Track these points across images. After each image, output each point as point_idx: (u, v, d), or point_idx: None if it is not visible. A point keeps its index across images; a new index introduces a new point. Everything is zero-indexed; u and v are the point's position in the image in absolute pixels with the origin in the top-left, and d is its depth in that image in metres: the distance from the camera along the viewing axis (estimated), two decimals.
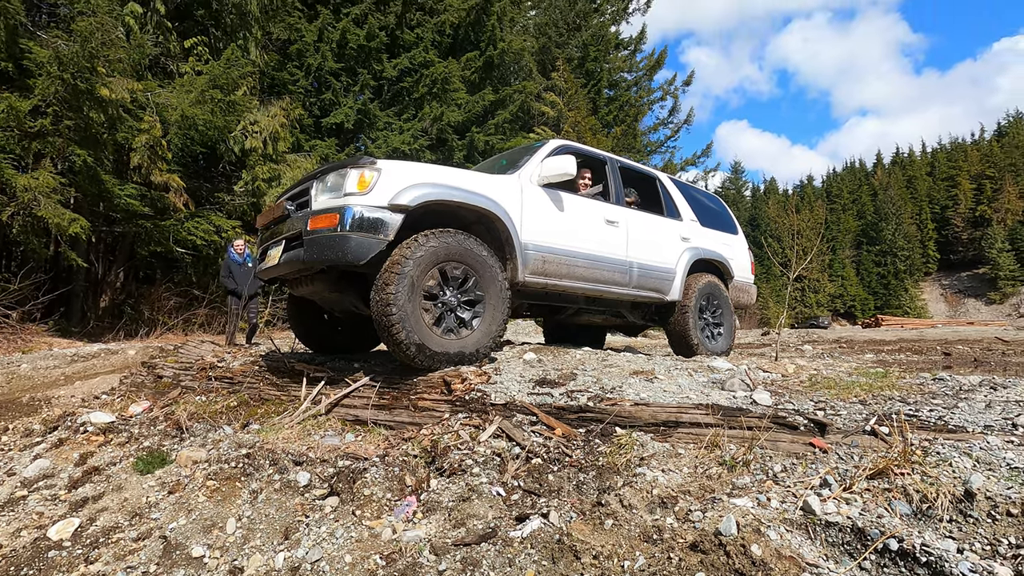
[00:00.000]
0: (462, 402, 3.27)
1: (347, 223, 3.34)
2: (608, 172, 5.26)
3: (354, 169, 3.49)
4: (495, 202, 3.95)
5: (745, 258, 6.55)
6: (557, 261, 4.31)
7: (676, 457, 2.45)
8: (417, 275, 3.44)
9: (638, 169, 5.78)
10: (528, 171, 4.36)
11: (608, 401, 2.95)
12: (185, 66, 10.53)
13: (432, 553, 2.24)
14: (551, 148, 4.72)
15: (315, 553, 2.40)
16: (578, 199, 4.68)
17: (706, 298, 5.72)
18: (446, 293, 3.67)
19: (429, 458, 2.94)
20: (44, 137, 7.57)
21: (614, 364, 3.88)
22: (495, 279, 3.79)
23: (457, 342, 3.66)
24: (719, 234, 6.21)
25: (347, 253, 3.36)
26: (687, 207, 5.93)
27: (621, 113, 22.98)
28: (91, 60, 7.61)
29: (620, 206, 5.08)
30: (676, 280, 5.41)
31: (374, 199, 3.43)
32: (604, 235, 4.73)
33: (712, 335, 5.80)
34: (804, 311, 47.24)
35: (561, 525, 2.18)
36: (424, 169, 3.77)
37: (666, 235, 5.45)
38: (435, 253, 3.53)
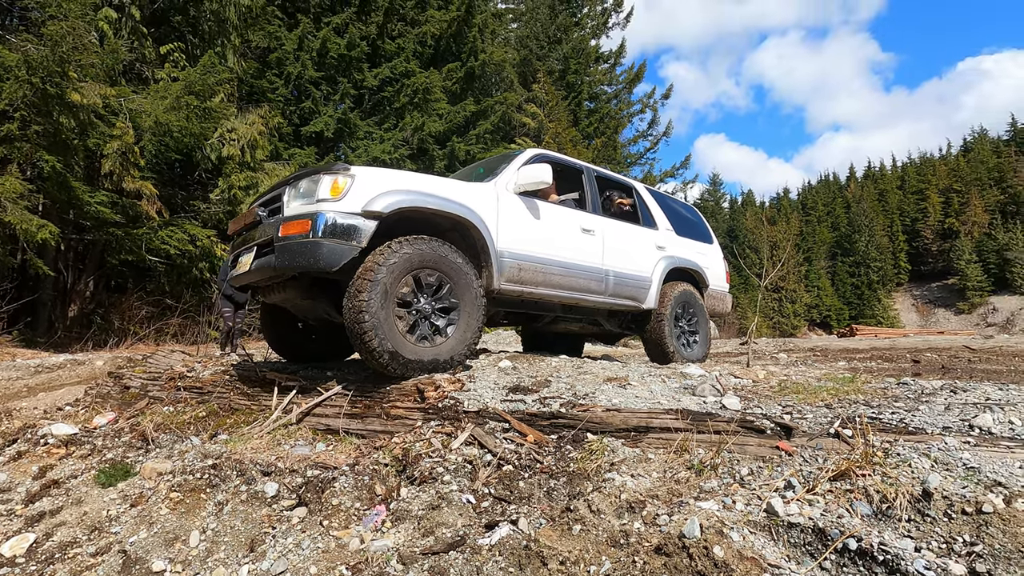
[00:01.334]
0: (435, 410, 3.24)
1: (319, 229, 3.30)
2: (585, 181, 5.30)
3: (327, 175, 3.46)
4: (470, 209, 3.95)
5: (720, 267, 6.65)
6: (533, 269, 4.32)
7: (646, 462, 2.46)
8: (390, 282, 3.40)
9: (614, 179, 5.85)
10: (504, 179, 4.38)
11: (580, 407, 2.95)
12: (161, 72, 10.40)
13: (399, 562, 2.21)
14: (528, 156, 4.73)
15: (280, 565, 2.35)
16: (554, 208, 4.71)
17: (682, 306, 5.77)
18: (420, 300, 3.64)
19: (400, 466, 2.91)
20: (11, 142, 7.39)
21: (588, 371, 3.89)
22: (470, 286, 3.77)
23: (431, 349, 3.63)
24: (694, 243, 6.29)
25: (319, 260, 3.32)
26: (663, 216, 6.01)
27: (601, 125, 23.27)
28: (62, 64, 7.47)
29: (596, 215, 5.11)
30: (652, 288, 5.46)
31: (347, 205, 3.40)
32: (580, 243, 4.76)
33: (688, 343, 5.86)
34: (782, 321, 48.02)
35: (530, 532, 2.17)
36: (399, 176, 3.75)
37: (642, 244, 5.49)
38: (409, 260, 3.50)
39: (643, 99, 26.50)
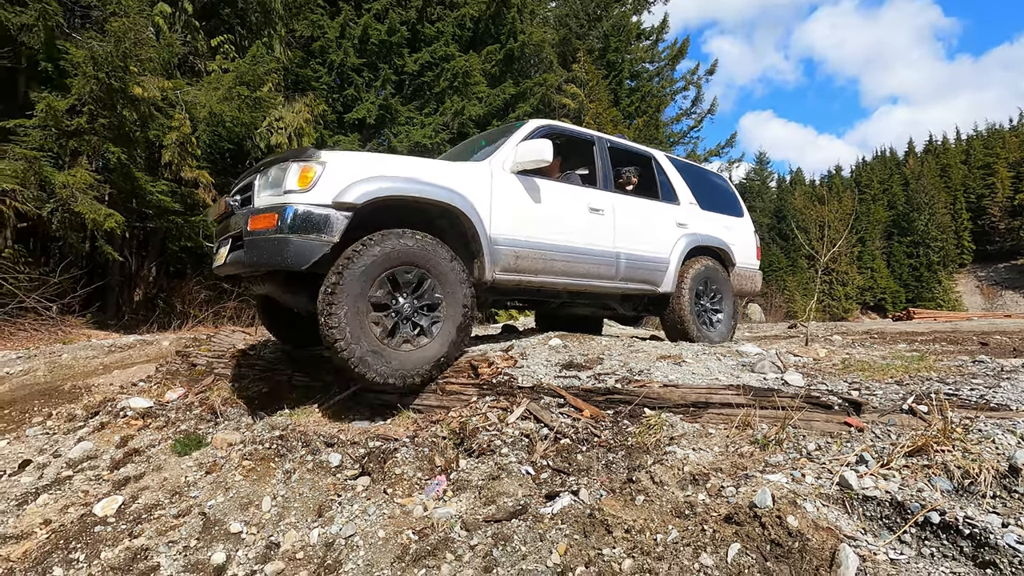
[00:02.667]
0: (489, 385, 3.30)
1: (287, 224, 3.04)
2: (596, 153, 4.80)
3: (296, 163, 3.18)
4: (458, 194, 3.60)
5: (750, 243, 6.05)
6: (532, 256, 3.96)
7: (706, 437, 2.44)
8: (362, 285, 3.13)
9: (631, 148, 5.28)
10: (500, 157, 3.99)
11: (636, 383, 2.94)
12: (212, 64, 10.73)
13: (463, 529, 2.27)
14: (529, 130, 4.29)
15: (349, 529, 2.45)
16: (558, 186, 4.30)
17: (703, 282, 5.30)
18: (398, 301, 3.33)
19: (458, 439, 2.98)
20: (80, 135, 7.81)
21: (640, 349, 3.87)
22: (457, 281, 3.45)
23: (415, 353, 3.33)
24: (721, 217, 5.73)
25: (287, 257, 3.07)
26: (685, 189, 5.46)
27: (643, 104, 22.71)
28: (124, 59, 7.81)
29: (608, 191, 4.67)
30: (670, 270, 5.00)
31: (317, 196, 3.11)
32: (587, 225, 4.35)
33: (709, 322, 5.38)
34: (832, 304, 46.23)
35: (591, 502, 2.19)
36: (376, 161, 3.43)
37: (660, 222, 5.03)
38: (384, 258, 3.19)
39: (686, 76, 25.69)
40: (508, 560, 2.04)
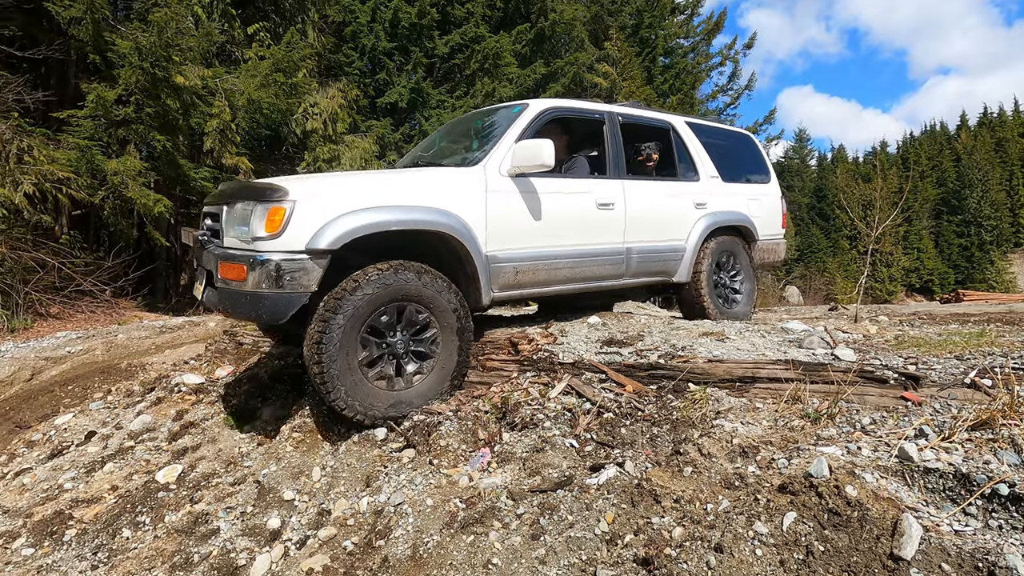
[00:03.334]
0: (530, 362, 3.32)
1: (257, 278, 2.74)
2: (607, 133, 4.24)
3: (261, 205, 2.83)
4: (447, 213, 3.22)
5: (776, 211, 5.56)
6: (534, 269, 3.62)
7: (754, 411, 2.40)
8: (352, 329, 2.90)
9: (647, 120, 4.73)
10: (496, 159, 3.54)
11: (680, 359, 2.91)
12: (249, 52, 10.90)
13: (509, 498, 2.31)
14: (529, 118, 3.77)
15: (397, 497, 2.52)
16: (562, 185, 3.85)
17: (725, 255, 4.95)
18: (389, 340, 3.09)
19: (500, 414, 3.01)
20: (128, 124, 8.09)
21: (681, 327, 3.82)
22: (451, 311, 3.20)
23: (409, 391, 3.16)
24: (746, 187, 5.26)
25: (262, 313, 2.81)
26: (707, 160, 4.94)
27: (677, 81, 22.09)
28: (167, 49, 8.01)
29: (619, 178, 4.19)
30: (686, 258, 4.57)
31: (288, 242, 2.77)
32: (594, 224, 3.94)
33: (727, 298, 5.02)
34: (875, 286, 44.61)
35: (637, 474, 2.20)
36: (353, 188, 3.06)
37: (676, 206, 4.57)
38: (371, 301, 2.93)
39: (723, 51, 24.81)
40: (555, 528, 2.07)
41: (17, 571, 2.50)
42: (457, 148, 4.21)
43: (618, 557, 1.76)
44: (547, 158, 3.36)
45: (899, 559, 1.36)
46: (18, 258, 6.85)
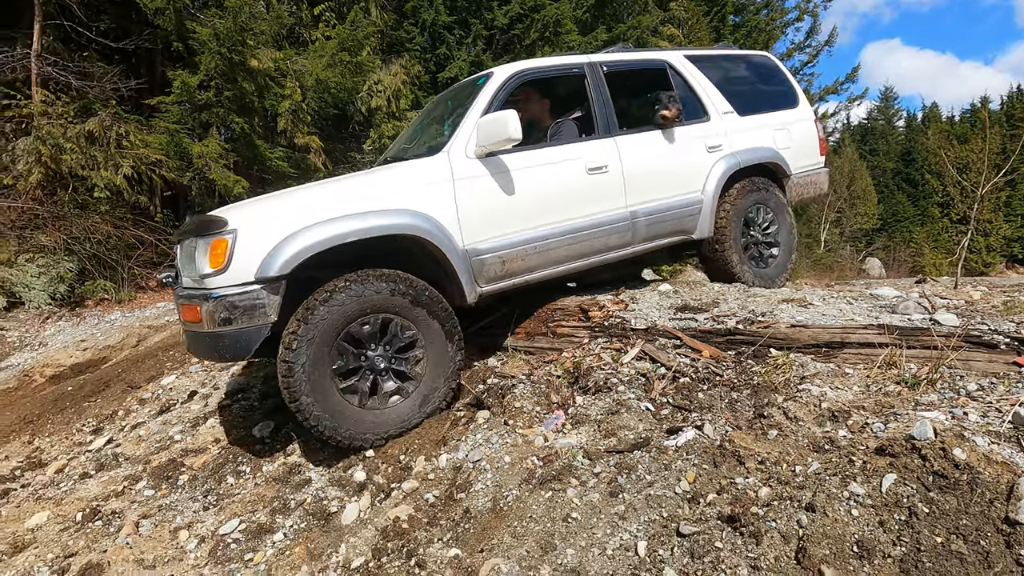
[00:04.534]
0: (601, 328, 3.31)
1: (211, 318, 2.57)
2: (590, 88, 3.75)
3: (203, 239, 2.65)
4: (410, 212, 2.92)
5: (810, 138, 4.84)
6: (523, 255, 3.28)
7: (843, 376, 2.30)
8: (321, 352, 2.67)
9: (636, 63, 4.14)
10: (460, 142, 3.18)
11: (760, 324, 2.82)
12: (316, 32, 11.20)
13: (586, 458, 2.35)
14: (493, 89, 3.35)
15: (475, 454, 2.62)
16: (542, 155, 3.43)
17: (754, 209, 4.37)
18: (368, 354, 2.85)
19: (572, 378, 3.04)
20: (209, 108, 8.56)
21: (758, 294, 3.68)
22: (432, 316, 2.96)
23: (394, 409, 2.94)
24: (769, 117, 4.55)
25: (224, 353, 2.66)
26: (716, 95, 4.32)
27: (749, 40, 20.79)
28: (242, 34, 8.37)
29: (610, 135, 3.71)
30: (704, 210, 4.03)
31: (236, 274, 2.57)
32: (587, 192, 3.52)
33: (760, 257, 4.42)
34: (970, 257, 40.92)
35: (717, 437, 2.17)
36: (299, 205, 2.78)
37: (684, 153, 4.00)
38: (338, 319, 2.69)
39: (799, 5, 23.07)
40: (633, 487, 2.08)
41: (142, 508, 2.80)
42: (432, 134, 3.83)
43: (701, 514, 1.75)
44: (513, 131, 2.96)
45: (1016, 523, 1.28)
46: (121, 236, 7.48)
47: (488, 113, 3.21)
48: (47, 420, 4.33)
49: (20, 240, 6.73)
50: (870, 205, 31.76)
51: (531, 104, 4.11)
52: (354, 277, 2.74)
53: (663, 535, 1.77)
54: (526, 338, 3.62)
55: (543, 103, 4.16)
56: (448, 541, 2.14)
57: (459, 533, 2.16)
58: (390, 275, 2.83)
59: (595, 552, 1.83)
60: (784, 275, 4.50)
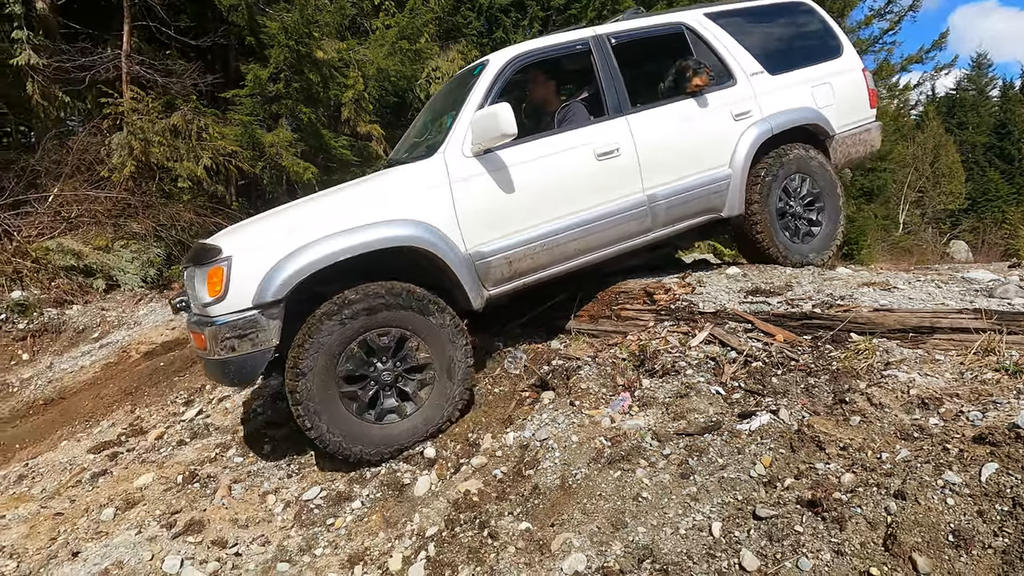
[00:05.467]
0: (667, 311, 3.27)
1: (216, 345, 2.58)
2: (597, 64, 3.47)
3: (200, 269, 2.67)
4: (407, 222, 2.81)
5: (857, 91, 4.25)
6: (531, 253, 3.12)
7: (933, 363, 2.18)
8: (324, 372, 2.64)
9: (648, 30, 3.73)
10: (455, 142, 3.03)
11: (839, 308, 2.70)
12: (376, 21, 11.42)
13: (655, 440, 2.34)
14: (488, 81, 3.15)
15: (542, 433, 2.66)
16: (544, 146, 3.21)
17: (792, 179, 3.94)
18: (376, 367, 2.80)
19: (637, 361, 3.02)
20: (279, 100, 8.94)
21: (836, 277, 3.52)
22: (440, 325, 2.86)
23: (401, 425, 2.86)
24: (807, 72, 4.05)
25: (232, 379, 2.70)
26: (743, 55, 3.87)
27: (823, 6, 19.53)
28: (308, 26, 8.66)
29: (622, 114, 3.42)
30: (734, 185, 3.67)
31: (234, 302, 2.56)
32: (597, 180, 3.28)
33: (797, 231, 3.98)
34: None
35: (793, 422, 2.11)
36: (291, 226, 2.72)
37: (707, 125, 3.64)
38: (340, 338, 2.65)
39: None
40: (705, 469, 2.07)
41: (233, 473, 3.03)
42: (434, 130, 3.55)
43: (779, 498, 1.72)
44: (506, 127, 2.80)
45: None
46: (203, 223, 7.98)
47: (485, 105, 3.06)
48: (144, 392, 4.72)
49: (115, 228, 7.32)
50: (957, 183, 29.25)
51: (537, 88, 3.97)
52: (341, 300, 2.66)
53: (738, 517, 1.76)
54: (589, 321, 3.63)
55: (549, 85, 3.96)
56: (518, 515, 2.20)
57: (529, 508, 2.22)
58: (386, 288, 2.74)
59: (667, 531, 1.83)
60: (828, 251, 4.07)
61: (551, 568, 1.85)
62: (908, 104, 25.00)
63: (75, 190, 7.11)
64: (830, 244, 4.08)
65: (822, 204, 4.06)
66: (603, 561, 1.81)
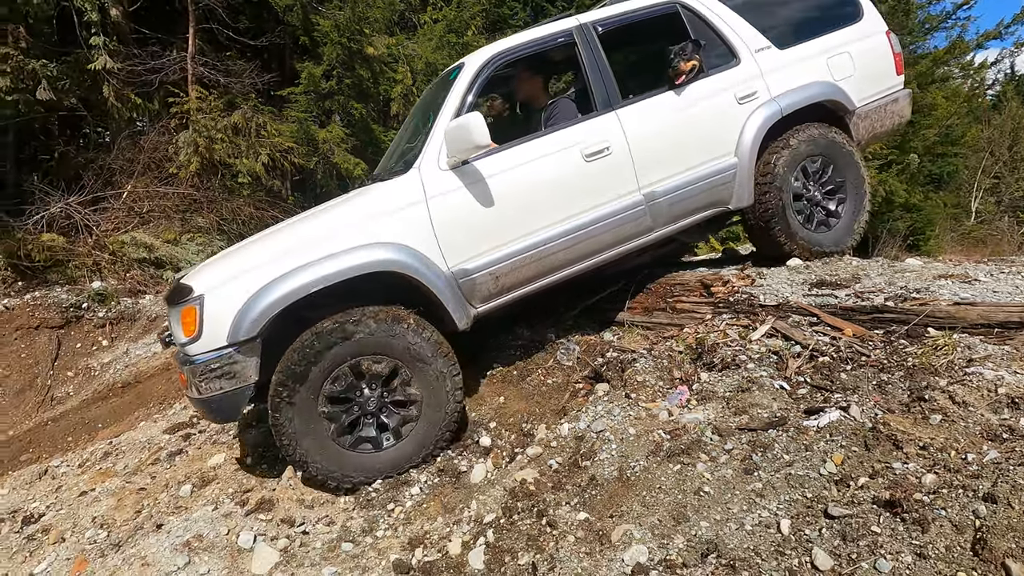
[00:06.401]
0: (726, 304, 3.19)
1: (195, 384, 2.55)
2: (582, 56, 3.24)
3: (174, 309, 2.65)
4: (383, 245, 2.71)
5: (880, 57, 3.85)
6: (518, 266, 2.97)
7: (1023, 360, 2.05)
8: (310, 403, 2.59)
9: (638, 14, 3.44)
10: (431, 155, 2.90)
11: (914, 301, 2.57)
12: (424, 16, 11.52)
13: (715, 434, 2.30)
14: (464, 86, 2.98)
15: (597, 425, 2.66)
16: (525, 153, 3.02)
17: (808, 160, 3.62)
18: (360, 400, 2.73)
19: (695, 355, 2.97)
20: (332, 96, 9.18)
21: (908, 268, 3.34)
22: (418, 348, 2.73)
23: (387, 453, 2.76)
24: (820, 42, 3.69)
25: (216, 416, 2.67)
26: (746, 30, 3.56)
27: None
28: (359, 23, 8.84)
29: (611, 108, 3.20)
30: (741, 174, 3.42)
31: (209, 341, 2.52)
32: (587, 182, 3.09)
33: (814, 218, 3.69)
34: None
35: (865, 419, 2.03)
36: (265, 255, 2.66)
37: (708, 111, 3.38)
38: (319, 368, 2.58)
39: None
40: (770, 465, 2.02)
41: None
42: (416, 136, 3.34)
43: (852, 497, 1.66)
44: (479, 137, 2.66)
45: None
46: (261, 217, 8.31)
47: (462, 112, 2.90)
48: None
49: (182, 222, 7.72)
50: None
51: (523, 86, 3.80)
52: (318, 329, 2.59)
53: (808, 515, 1.71)
54: (643, 313, 3.58)
55: (535, 82, 3.75)
56: (576, 505, 2.21)
57: (586, 498, 2.23)
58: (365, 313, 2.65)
59: (732, 526, 1.80)
60: (849, 240, 3.75)
61: (612, 558, 1.85)
62: (984, 84, 23.32)
63: (146, 186, 7.53)
64: (851, 232, 3.78)
65: (842, 188, 3.74)
66: (665, 554, 1.79)
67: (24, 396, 5.24)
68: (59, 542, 2.67)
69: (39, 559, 2.59)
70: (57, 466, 3.79)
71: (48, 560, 2.55)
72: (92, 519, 2.78)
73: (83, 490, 3.21)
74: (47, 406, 5.20)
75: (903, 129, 6.03)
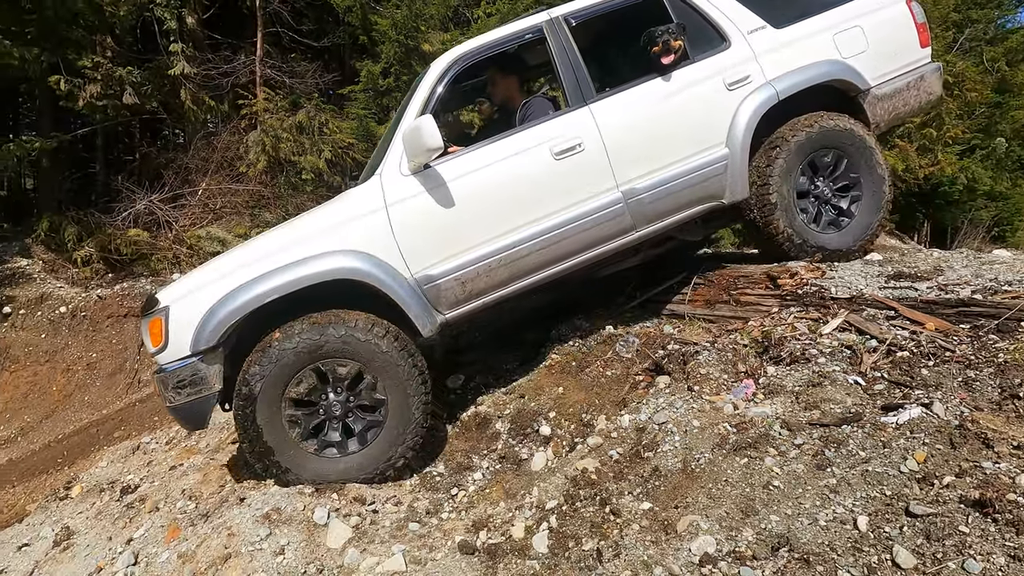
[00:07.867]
0: (793, 296, 3.09)
1: (165, 392, 2.66)
2: (553, 51, 3.12)
3: (143, 320, 2.76)
4: (340, 253, 2.73)
5: (900, 28, 3.47)
6: (486, 271, 2.90)
7: None
8: (273, 406, 2.65)
9: (613, 1, 3.24)
10: (393, 161, 2.88)
11: (1007, 295, 2.41)
12: (477, 11, 11.60)
13: (784, 428, 2.25)
14: (427, 89, 2.95)
15: (659, 417, 2.64)
16: (489, 152, 2.95)
17: (813, 152, 3.34)
18: (324, 403, 2.75)
19: (761, 348, 2.89)
20: (390, 93, 9.40)
21: (995, 260, 3.14)
22: (383, 353, 2.71)
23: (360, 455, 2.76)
24: (824, 17, 3.37)
25: (187, 423, 2.82)
26: (737, 10, 3.31)
27: None
28: (415, 20, 9.01)
29: (584, 103, 3.06)
30: (733, 166, 3.19)
31: (175, 350, 2.63)
32: (558, 181, 2.97)
33: (817, 217, 3.42)
34: None
35: (950, 417, 1.94)
36: (222, 271, 2.73)
37: (693, 100, 3.16)
38: (283, 371, 2.63)
39: None
40: (844, 462, 1.96)
41: None
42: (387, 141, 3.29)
43: (937, 496, 1.60)
44: (430, 141, 2.62)
45: None
46: None
47: (425, 115, 2.79)
48: None
49: (251, 217, 8.14)
50: None
51: (497, 87, 3.66)
52: (279, 336, 2.64)
53: (887, 513, 1.65)
54: (704, 306, 3.52)
55: (509, 82, 3.60)
56: (639, 495, 2.22)
57: (649, 488, 2.23)
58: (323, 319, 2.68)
59: (804, 521, 1.77)
60: (861, 241, 3.45)
61: (678, 548, 1.85)
62: None
63: (219, 184, 7.98)
64: (867, 231, 3.46)
65: (859, 191, 3.44)
66: (734, 545, 1.78)
67: (115, 379, 5.71)
68: (154, 511, 2.90)
69: (137, 525, 2.83)
70: (147, 442, 4.12)
71: (145, 527, 2.78)
72: (182, 491, 3.01)
73: (172, 465, 3.47)
74: (135, 388, 5.65)
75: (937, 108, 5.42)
